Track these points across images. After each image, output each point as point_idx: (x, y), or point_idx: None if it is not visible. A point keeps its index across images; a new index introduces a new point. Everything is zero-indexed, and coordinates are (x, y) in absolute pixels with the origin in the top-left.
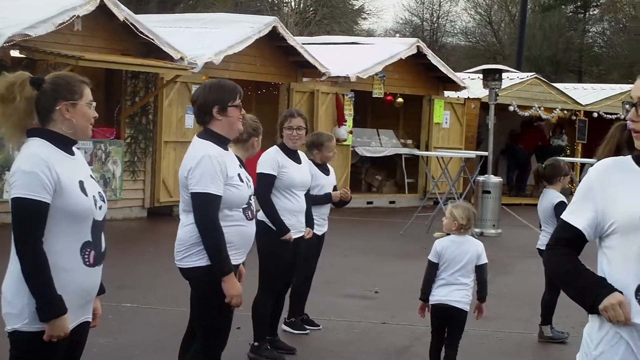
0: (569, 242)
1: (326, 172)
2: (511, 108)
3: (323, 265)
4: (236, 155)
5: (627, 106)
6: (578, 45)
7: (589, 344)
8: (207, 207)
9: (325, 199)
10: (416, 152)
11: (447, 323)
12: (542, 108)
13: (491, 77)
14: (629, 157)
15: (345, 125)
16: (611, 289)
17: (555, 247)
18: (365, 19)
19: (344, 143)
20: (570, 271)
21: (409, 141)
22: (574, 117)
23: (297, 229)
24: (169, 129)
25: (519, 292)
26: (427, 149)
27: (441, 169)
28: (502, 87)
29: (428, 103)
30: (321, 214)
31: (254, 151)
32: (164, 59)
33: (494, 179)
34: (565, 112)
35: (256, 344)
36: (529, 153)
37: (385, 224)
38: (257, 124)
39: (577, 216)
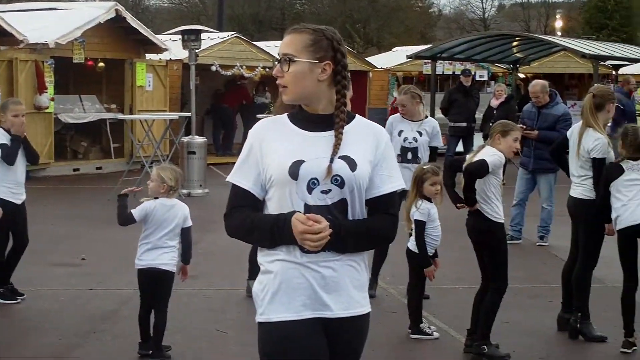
0: (243, 204)
1: None
2: (213, 68)
3: (29, 235)
4: None
5: (276, 62)
6: (280, 3)
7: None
8: None
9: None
10: (120, 116)
11: (155, 285)
12: (244, 67)
13: (190, 38)
14: (285, 115)
15: (47, 92)
16: (290, 215)
17: (231, 213)
18: None
19: (46, 111)
20: (249, 222)
21: (113, 106)
22: None
23: None
24: None
25: (226, 249)
26: (131, 113)
27: (145, 132)
28: (203, 47)
29: (130, 66)
30: (17, 183)
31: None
32: None
33: (199, 139)
34: (268, 69)
35: None
36: (233, 112)
37: (93, 190)
38: None
39: (242, 177)
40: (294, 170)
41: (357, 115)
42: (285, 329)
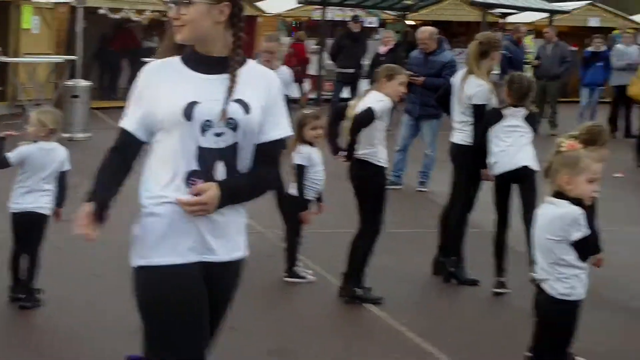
0: (122, 145)
1: None
2: (102, 11)
3: None
4: None
5: (171, 4)
6: None
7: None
8: None
9: None
10: (4, 59)
11: (30, 229)
12: (134, 10)
13: None
14: (178, 57)
15: None
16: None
17: (107, 153)
18: None
19: None
20: (102, 168)
21: None
22: (165, 18)
23: None
24: None
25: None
26: (16, 56)
27: (29, 76)
28: None
29: (16, 9)
30: None
31: None
32: None
33: (83, 83)
34: (157, 13)
35: None
36: (120, 56)
37: None
38: None
39: (128, 120)
40: (188, 112)
41: (250, 60)
42: (169, 273)
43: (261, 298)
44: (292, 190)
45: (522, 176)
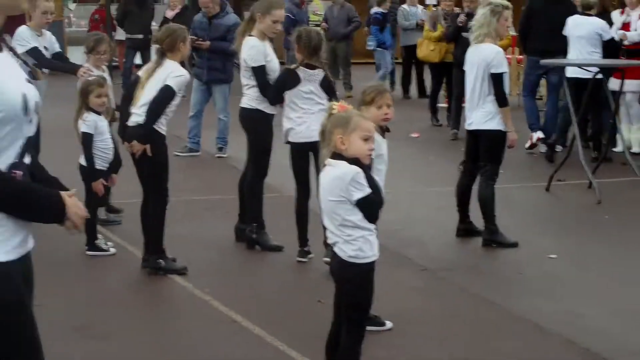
0: None
1: None
2: None
3: None
4: None
5: None
6: None
7: None
8: None
9: None
10: None
11: None
12: None
13: None
14: None
15: None
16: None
17: None
18: None
19: None
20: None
21: None
22: None
23: None
24: None
25: None
26: None
27: None
28: None
29: None
30: None
31: None
32: None
33: None
34: None
35: None
36: None
37: None
38: None
39: None
40: (24, 105)
41: None
42: (14, 270)
43: (64, 273)
44: (82, 160)
45: (318, 146)
